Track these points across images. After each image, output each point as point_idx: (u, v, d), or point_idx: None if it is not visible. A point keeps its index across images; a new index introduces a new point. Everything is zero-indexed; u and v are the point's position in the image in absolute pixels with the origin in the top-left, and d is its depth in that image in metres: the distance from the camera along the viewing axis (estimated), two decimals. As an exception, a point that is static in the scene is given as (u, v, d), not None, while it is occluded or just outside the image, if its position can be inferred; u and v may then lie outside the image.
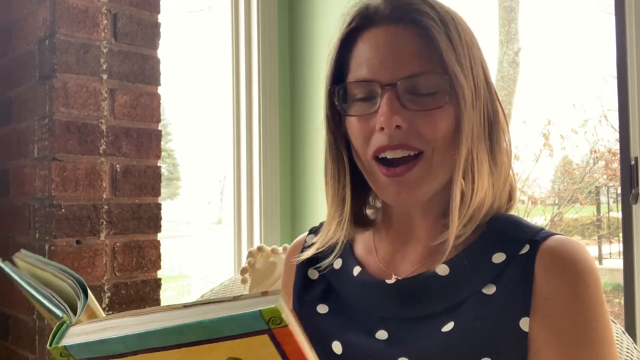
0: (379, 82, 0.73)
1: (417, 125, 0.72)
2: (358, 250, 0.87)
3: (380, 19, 0.75)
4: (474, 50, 0.75)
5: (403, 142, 0.72)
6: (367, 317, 0.78)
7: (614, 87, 1.60)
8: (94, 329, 0.51)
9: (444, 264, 0.76)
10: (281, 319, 0.46)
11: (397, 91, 0.72)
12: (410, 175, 0.73)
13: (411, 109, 0.72)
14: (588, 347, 0.68)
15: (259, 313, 0.46)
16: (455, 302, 0.73)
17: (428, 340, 0.72)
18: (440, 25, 0.72)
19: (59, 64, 1.46)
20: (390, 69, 0.72)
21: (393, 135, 0.72)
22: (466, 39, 0.74)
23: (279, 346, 0.48)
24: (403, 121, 0.71)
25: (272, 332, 0.47)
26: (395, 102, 0.72)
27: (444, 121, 0.72)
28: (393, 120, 0.71)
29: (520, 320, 0.70)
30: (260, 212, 2.29)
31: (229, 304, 0.48)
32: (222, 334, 0.47)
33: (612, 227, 4.00)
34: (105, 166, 1.53)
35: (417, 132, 0.72)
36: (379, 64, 0.73)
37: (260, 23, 2.30)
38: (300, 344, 0.49)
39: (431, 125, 0.72)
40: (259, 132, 2.30)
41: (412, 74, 0.72)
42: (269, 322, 0.46)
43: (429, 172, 0.73)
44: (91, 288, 1.49)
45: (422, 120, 0.72)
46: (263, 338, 0.47)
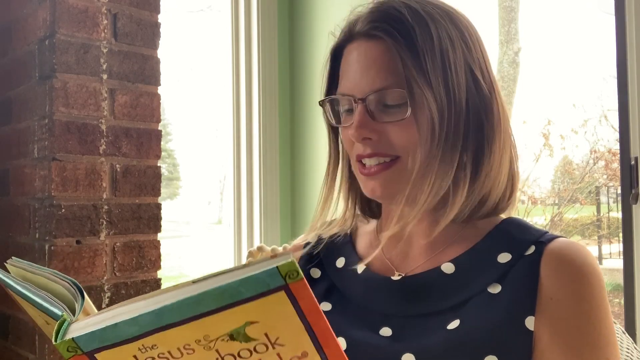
0: (353, 97, 0.78)
1: (387, 135, 0.76)
2: (360, 248, 0.88)
3: (356, 35, 0.79)
4: (452, 54, 0.75)
5: (375, 150, 0.77)
6: (371, 314, 0.79)
7: (614, 87, 1.60)
8: (103, 319, 0.50)
9: (449, 262, 0.77)
10: (297, 272, 0.46)
11: (367, 105, 0.76)
12: (384, 174, 0.77)
13: (380, 121, 0.76)
14: (593, 348, 0.69)
15: (276, 269, 0.46)
16: (460, 300, 0.74)
17: (433, 337, 0.72)
18: (405, 37, 0.74)
19: (59, 64, 1.46)
20: (361, 84, 0.77)
21: (366, 145, 0.77)
22: (443, 44, 0.75)
23: (295, 302, 0.48)
24: (371, 132, 0.76)
25: (288, 287, 0.47)
26: (365, 115, 0.76)
27: (412, 130, 0.75)
28: (361, 133, 0.76)
29: (526, 319, 0.70)
30: (260, 212, 2.29)
31: (239, 271, 0.48)
32: (239, 297, 0.47)
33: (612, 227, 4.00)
34: (105, 166, 1.53)
35: (387, 141, 0.76)
36: (352, 79, 0.78)
37: (260, 23, 2.30)
38: (314, 299, 0.49)
39: (400, 135, 0.76)
40: (259, 132, 2.30)
41: (379, 88, 0.76)
42: (286, 277, 0.46)
43: (403, 173, 0.77)
44: (91, 288, 1.49)
45: (391, 130, 0.76)
46: (279, 296, 0.47)
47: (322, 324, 0.50)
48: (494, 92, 0.79)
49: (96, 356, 0.50)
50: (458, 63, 0.75)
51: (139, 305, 0.49)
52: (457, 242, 0.79)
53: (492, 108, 0.78)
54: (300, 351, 0.51)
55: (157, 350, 0.50)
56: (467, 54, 0.77)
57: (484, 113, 0.77)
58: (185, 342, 0.49)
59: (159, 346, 0.49)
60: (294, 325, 0.49)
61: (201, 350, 0.50)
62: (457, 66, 0.75)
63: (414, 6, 0.76)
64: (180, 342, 0.49)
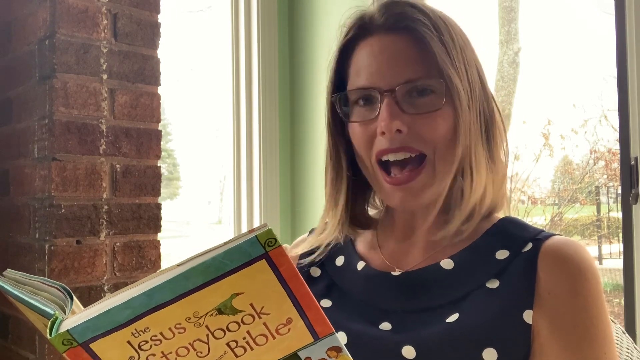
0: (378, 89, 0.76)
1: (417, 128, 0.75)
2: (360, 247, 0.89)
3: (375, 29, 0.79)
4: (467, 53, 0.78)
5: (404, 144, 0.75)
6: (371, 309, 0.80)
7: (614, 87, 1.60)
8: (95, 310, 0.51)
9: (448, 258, 0.78)
10: (275, 239, 0.49)
11: (396, 96, 0.75)
12: (415, 183, 0.76)
13: (410, 113, 0.75)
14: (591, 342, 0.70)
15: (255, 238, 0.49)
16: (459, 295, 0.75)
17: (432, 329, 0.73)
18: (433, 31, 0.75)
19: (59, 64, 1.46)
20: (387, 75, 0.76)
21: (394, 139, 0.75)
22: (459, 42, 0.77)
23: (276, 269, 0.50)
24: (403, 125, 0.74)
25: (268, 255, 0.49)
26: (394, 107, 0.75)
27: (442, 122, 0.75)
28: (393, 124, 0.74)
29: (524, 313, 0.71)
30: (260, 212, 2.29)
31: (221, 247, 0.50)
32: (224, 270, 0.49)
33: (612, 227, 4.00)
34: (105, 166, 1.53)
35: (417, 134, 0.75)
36: (377, 72, 0.77)
37: (260, 23, 2.30)
38: (292, 264, 0.51)
39: (430, 127, 0.75)
40: (259, 132, 2.30)
41: (409, 79, 0.75)
42: (265, 244, 0.49)
43: (434, 177, 0.76)
44: (91, 288, 1.49)
45: (422, 122, 0.75)
46: (261, 264, 0.49)
47: (302, 289, 0.52)
48: (492, 96, 0.81)
49: (91, 347, 0.51)
50: (471, 61, 0.78)
51: (129, 292, 0.51)
52: (455, 240, 0.80)
53: (493, 107, 0.80)
54: (285, 318, 0.53)
55: (150, 333, 0.51)
56: (473, 54, 0.80)
57: (489, 112, 0.79)
58: (176, 322, 0.51)
59: (151, 328, 0.51)
60: (277, 293, 0.51)
61: (192, 328, 0.51)
62: (471, 64, 0.78)
63: (427, 5, 0.78)
64: (171, 322, 0.51)
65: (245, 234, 0.50)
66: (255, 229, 0.50)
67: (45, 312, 0.55)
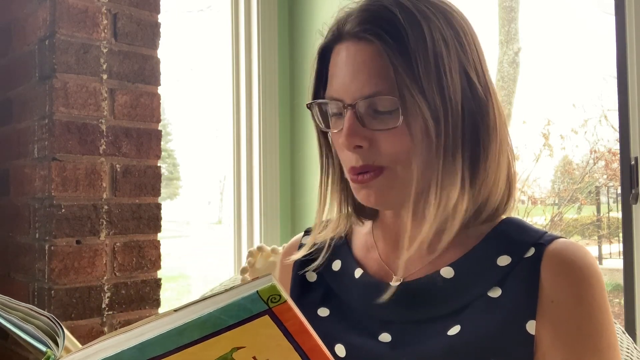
0: (343, 102, 0.74)
1: (378, 143, 0.73)
2: (356, 250, 0.86)
3: (345, 35, 0.75)
4: (446, 57, 0.72)
5: (366, 161, 0.73)
6: (370, 320, 0.78)
7: (614, 87, 1.60)
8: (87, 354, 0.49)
9: (448, 266, 0.75)
10: (280, 295, 0.46)
11: (357, 111, 0.73)
12: (374, 183, 0.74)
13: (371, 128, 0.73)
14: (595, 351, 0.68)
15: (257, 294, 0.46)
16: (460, 305, 0.73)
17: (434, 343, 0.71)
18: (403, 40, 0.70)
19: (59, 64, 1.46)
20: (350, 88, 0.73)
21: (357, 154, 0.73)
22: (437, 49, 0.71)
23: (281, 325, 0.47)
24: (362, 140, 0.72)
25: (272, 311, 0.46)
26: (355, 122, 0.72)
27: (403, 138, 0.72)
28: (351, 141, 0.72)
29: (527, 323, 0.70)
30: (260, 212, 2.29)
31: (221, 296, 0.48)
32: (222, 326, 0.46)
33: (612, 227, 4.00)
34: (105, 166, 1.53)
35: (378, 149, 0.73)
36: (342, 83, 0.74)
37: (260, 23, 2.30)
38: (301, 319, 0.48)
39: (391, 144, 0.72)
40: (259, 132, 2.30)
41: (370, 94, 0.72)
42: (268, 300, 0.46)
43: (395, 181, 0.74)
44: (91, 288, 1.49)
45: (383, 138, 0.73)
46: (264, 320, 0.47)
47: (311, 342, 0.49)
48: (489, 93, 0.76)
49: None
50: (452, 66, 0.72)
51: (121, 339, 0.49)
52: (455, 246, 0.76)
53: (488, 111, 0.75)
54: None
55: None
56: (462, 55, 0.73)
57: (479, 116, 0.74)
58: None
59: None
60: (282, 347, 0.49)
61: None
62: (451, 69, 0.72)
63: (406, 5, 0.72)
64: None
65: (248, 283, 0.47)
66: (258, 281, 0.47)
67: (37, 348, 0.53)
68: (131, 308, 1.56)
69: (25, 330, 0.56)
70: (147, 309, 1.59)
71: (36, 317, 0.58)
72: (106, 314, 1.51)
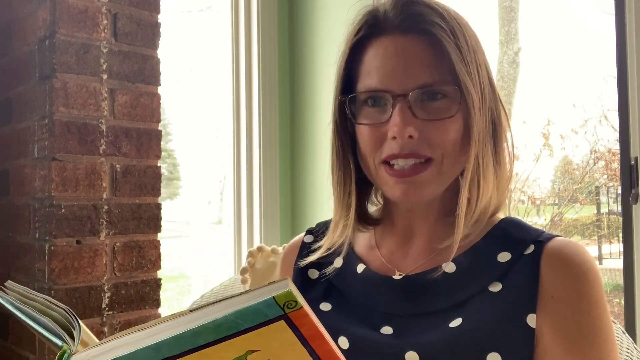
0: (391, 92, 0.74)
1: (428, 133, 0.74)
2: (359, 248, 0.88)
3: (389, 29, 0.76)
4: (479, 56, 0.76)
5: (414, 150, 0.74)
6: (372, 313, 0.79)
7: (614, 87, 1.60)
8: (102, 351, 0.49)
9: (450, 261, 0.77)
10: (296, 302, 0.46)
11: (409, 101, 0.74)
12: (419, 177, 0.75)
13: (422, 118, 0.74)
14: (594, 345, 0.70)
15: (273, 299, 0.46)
16: (461, 299, 0.75)
17: (435, 334, 0.73)
18: (450, 36, 0.73)
19: (59, 64, 1.46)
20: (401, 79, 0.74)
21: (405, 144, 0.74)
22: (473, 45, 0.76)
23: (296, 330, 0.48)
24: (415, 131, 0.73)
25: (288, 316, 0.46)
26: (407, 112, 0.73)
27: (453, 129, 0.74)
28: (406, 130, 0.73)
29: (527, 317, 0.71)
30: (260, 212, 2.29)
31: (237, 299, 0.48)
32: (237, 329, 0.46)
33: (612, 227, 4.00)
34: (105, 166, 1.53)
35: (427, 140, 0.74)
36: (390, 74, 0.75)
37: (260, 23, 2.30)
38: (317, 324, 0.48)
39: (441, 134, 0.74)
40: (259, 132, 2.30)
41: (423, 84, 0.74)
42: (284, 306, 0.46)
43: (438, 175, 0.76)
44: (91, 288, 1.49)
45: (433, 128, 0.74)
46: (279, 325, 0.47)
47: (326, 347, 0.50)
48: (499, 96, 0.80)
49: None
50: (483, 65, 0.77)
51: (137, 337, 0.49)
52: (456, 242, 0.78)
53: (500, 109, 0.79)
54: None
55: None
56: (484, 55, 0.78)
57: (496, 114, 0.78)
58: None
59: None
60: (297, 351, 0.49)
61: None
62: (484, 68, 0.76)
63: (442, 5, 0.76)
64: None
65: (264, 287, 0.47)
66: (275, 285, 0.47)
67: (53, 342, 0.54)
68: (131, 308, 1.56)
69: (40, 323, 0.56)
70: (147, 309, 1.59)
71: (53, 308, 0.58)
72: (106, 314, 1.51)
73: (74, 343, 0.53)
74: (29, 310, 0.58)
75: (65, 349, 0.50)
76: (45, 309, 0.59)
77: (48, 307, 0.59)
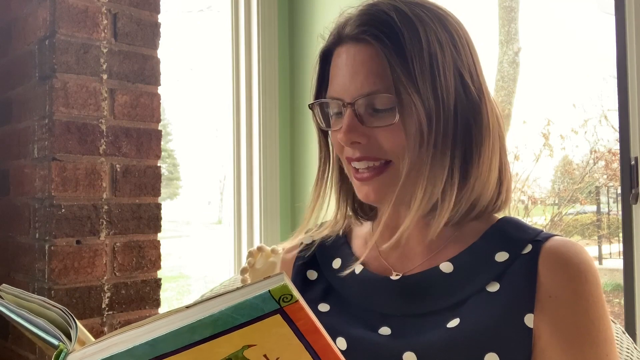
0: (342, 100, 0.78)
1: (377, 139, 0.76)
2: (356, 248, 0.88)
3: (345, 38, 0.79)
4: (441, 58, 0.75)
5: (364, 154, 0.77)
6: (370, 314, 0.79)
7: (614, 87, 1.60)
8: (99, 349, 0.49)
9: (447, 261, 0.78)
10: (291, 295, 0.46)
11: (356, 109, 0.76)
12: (376, 180, 0.78)
13: (369, 126, 0.76)
14: (592, 345, 0.70)
15: (269, 293, 0.46)
16: (459, 299, 0.75)
17: (433, 335, 0.73)
18: (394, 42, 0.74)
19: (59, 64, 1.46)
20: (349, 88, 0.77)
21: (355, 149, 0.77)
22: (432, 47, 0.74)
23: (292, 324, 0.48)
24: (361, 137, 0.76)
25: (283, 310, 0.47)
26: (354, 119, 0.76)
27: (400, 134, 0.75)
28: (349, 137, 0.76)
29: (525, 317, 0.71)
30: (260, 212, 2.29)
31: (233, 294, 0.48)
32: (234, 324, 0.47)
33: (612, 227, 4.00)
34: (105, 166, 1.53)
35: (377, 145, 0.77)
36: (341, 83, 0.78)
37: (260, 23, 2.30)
38: (313, 318, 0.49)
39: (388, 139, 0.76)
40: (259, 132, 2.30)
41: (367, 92, 0.76)
42: (280, 300, 0.46)
43: (396, 177, 0.77)
44: (91, 288, 1.49)
45: (381, 134, 0.76)
46: (275, 319, 0.47)
47: (322, 341, 0.50)
48: (483, 95, 0.78)
49: None
50: (447, 67, 0.75)
51: (133, 334, 0.49)
52: (454, 242, 0.79)
53: (481, 112, 0.77)
54: None
55: None
56: (457, 57, 0.76)
57: (472, 117, 0.77)
58: None
59: None
60: (293, 346, 0.49)
61: None
62: (445, 70, 0.75)
63: (402, 9, 0.76)
64: None
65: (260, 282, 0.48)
66: (270, 280, 0.47)
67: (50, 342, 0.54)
68: (131, 308, 1.56)
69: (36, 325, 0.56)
70: (147, 309, 1.59)
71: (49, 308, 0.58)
72: (106, 314, 1.51)
73: (70, 342, 0.53)
74: (25, 313, 0.58)
75: (62, 348, 0.50)
76: (42, 310, 0.59)
77: (44, 308, 0.59)
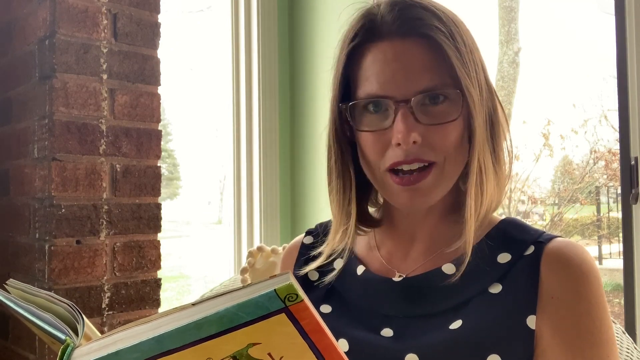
0: (393, 98, 0.73)
1: (431, 138, 0.73)
2: (358, 249, 0.88)
3: (386, 34, 0.75)
4: (476, 55, 0.76)
5: (418, 156, 0.73)
6: (372, 315, 0.79)
7: (614, 87, 1.60)
8: (105, 344, 0.49)
9: (450, 263, 0.77)
10: (297, 294, 0.46)
11: (411, 107, 0.72)
12: (423, 183, 0.74)
13: (424, 123, 0.73)
14: (593, 346, 0.70)
15: (274, 292, 0.46)
16: (461, 300, 0.74)
17: (435, 336, 0.72)
18: (449, 38, 0.72)
19: (59, 64, 1.46)
20: (402, 84, 0.73)
21: (409, 151, 0.73)
22: (470, 45, 0.75)
23: (297, 323, 0.48)
24: (418, 136, 0.72)
25: (289, 309, 0.47)
26: (410, 117, 0.72)
27: (456, 131, 0.74)
28: (410, 137, 0.72)
29: (527, 318, 0.71)
30: (260, 212, 2.29)
31: (239, 292, 0.48)
32: (239, 322, 0.47)
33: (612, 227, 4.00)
34: (105, 166, 1.53)
35: (430, 144, 0.73)
36: (391, 80, 0.74)
37: (260, 23, 2.30)
38: (317, 318, 0.49)
39: (444, 138, 0.73)
40: (259, 132, 2.30)
41: (425, 89, 0.73)
42: (285, 299, 0.46)
43: (442, 179, 0.75)
44: (91, 288, 1.49)
45: (435, 132, 0.73)
46: (280, 318, 0.47)
47: (326, 341, 0.50)
48: (495, 94, 0.79)
49: None
50: (479, 63, 0.76)
51: (139, 330, 0.49)
52: (456, 243, 0.78)
53: (497, 110, 0.78)
54: None
55: None
56: (480, 53, 0.78)
57: (493, 110, 0.78)
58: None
59: None
60: (298, 345, 0.49)
61: None
62: (480, 66, 0.76)
63: (438, 6, 0.75)
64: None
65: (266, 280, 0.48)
66: (276, 279, 0.48)
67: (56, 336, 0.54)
68: (131, 308, 1.56)
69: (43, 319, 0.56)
70: (147, 309, 1.59)
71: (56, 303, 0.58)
72: (106, 314, 1.51)
73: (77, 337, 0.53)
74: (31, 307, 0.58)
75: (69, 343, 0.50)
76: (49, 305, 0.59)
77: (51, 303, 0.59)
